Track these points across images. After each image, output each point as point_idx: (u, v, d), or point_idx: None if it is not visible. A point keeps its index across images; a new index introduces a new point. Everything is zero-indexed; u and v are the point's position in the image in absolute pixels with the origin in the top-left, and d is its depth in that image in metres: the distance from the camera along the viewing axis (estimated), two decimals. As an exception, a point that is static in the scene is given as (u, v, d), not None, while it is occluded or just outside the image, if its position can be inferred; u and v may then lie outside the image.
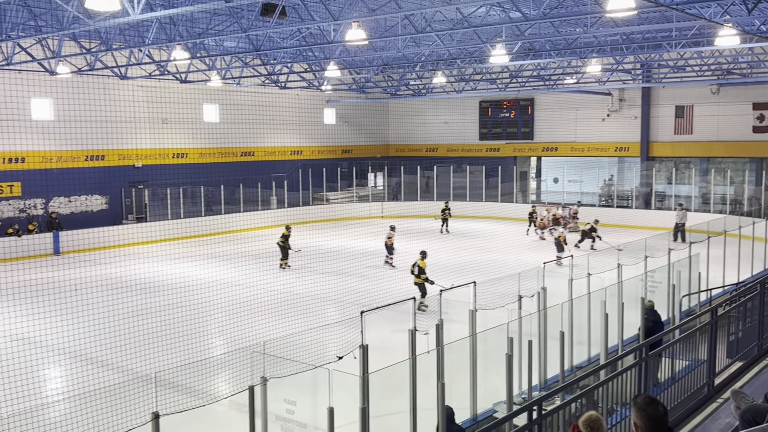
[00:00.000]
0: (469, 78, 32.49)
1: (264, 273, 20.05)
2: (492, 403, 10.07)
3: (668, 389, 8.24)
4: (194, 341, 13.72)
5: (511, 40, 20.41)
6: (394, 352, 10.25)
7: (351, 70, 30.49)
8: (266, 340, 8.41)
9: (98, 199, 29.13)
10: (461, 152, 40.71)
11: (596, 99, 36.04)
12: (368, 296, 16.04)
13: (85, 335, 13.96)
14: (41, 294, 17.26)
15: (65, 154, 27.52)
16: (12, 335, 14.35)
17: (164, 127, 30.92)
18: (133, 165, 30.05)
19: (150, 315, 16.55)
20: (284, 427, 7.54)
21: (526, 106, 38.59)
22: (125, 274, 21.61)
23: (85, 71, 24.13)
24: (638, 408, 4.20)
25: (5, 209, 26.11)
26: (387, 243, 22.42)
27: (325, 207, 35.47)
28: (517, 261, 21.50)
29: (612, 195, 34.80)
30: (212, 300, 17.07)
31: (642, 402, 4.23)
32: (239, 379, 8.36)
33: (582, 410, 7.03)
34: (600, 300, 11.41)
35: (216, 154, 33.25)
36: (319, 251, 24.60)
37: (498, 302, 10.93)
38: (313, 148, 38.43)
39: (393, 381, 9.64)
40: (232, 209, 31.66)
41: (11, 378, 11.41)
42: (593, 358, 12.06)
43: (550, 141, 38.28)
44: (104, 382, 11.08)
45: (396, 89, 35.62)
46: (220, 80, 28.32)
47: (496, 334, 9.57)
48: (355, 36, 16.61)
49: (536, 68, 29.97)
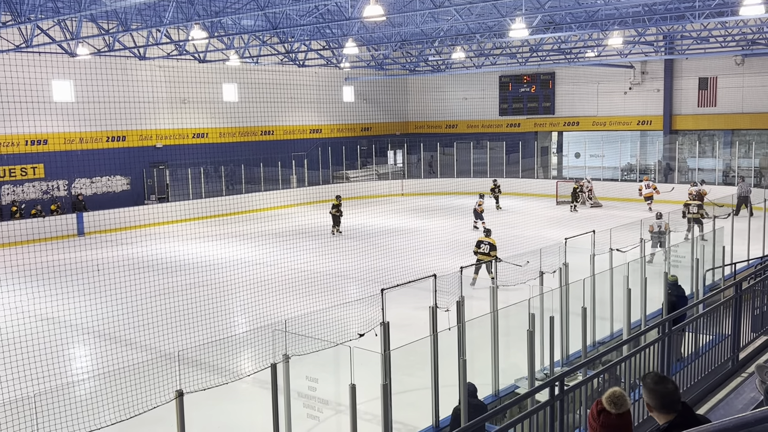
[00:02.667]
0: (488, 53, 32.16)
1: (285, 251, 20.13)
2: (514, 379, 10.08)
3: (691, 364, 8.18)
4: (217, 320, 13.85)
5: (530, 13, 20.11)
6: (415, 329, 10.27)
7: (369, 46, 30.26)
8: (288, 318, 8.45)
9: (120, 179, 29.36)
10: (481, 128, 40.42)
11: (618, 72, 35.53)
12: (389, 274, 16.08)
13: (110, 315, 14.16)
14: (66, 274, 17.49)
15: (87, 135, 27.72)
16: (38, 315, 14.57)
17: (184, 107, 31.01)
18: (154, 145, 30.22)
19: (173, 294, 16.72)
20: (306, 404, 7.60)
21: (547, 80, 38.15)
22: (148, 253, 21.81)
23: (104, 52, 24.20)
24: (648, 387, 4.18)
25: (29, 191, 26.42)
26: (477, 210, 24.51)
27: (344, 185, 35.47)
28: (538, 237, 21.38)
29: (634, 169, 34.42)
30: (234, 279, 17.19)
31: (651, 381, 4.20)
32: (262, 356, 8.42)
33: (604, 386, 7.00)
34: (623, 275, 11.32)
35: (236, 133, 33.32)
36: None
37: (519, 278, 10.89)
38: (333, 126, 38.36)
39: (414, 358, 9.67)
40: (253, 188, 31.77)
41: (38, 357, 11.60)
42: (616, 333, 12.00)
43: (572, 115, 37.87)
44: (129, 360, 11.24)
45: (415, 65, 35.36)
46: (239, 59, 28.28)
47: (517, 310, 9.55)
48: (372, 12, 16.45)
49: (557, 41, 29.57)
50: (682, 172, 33.08)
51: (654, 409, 4.14)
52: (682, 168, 33.14)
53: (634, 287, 11.40)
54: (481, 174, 35.64)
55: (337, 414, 9.00)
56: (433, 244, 20.88)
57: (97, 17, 21.83)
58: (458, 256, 18.58)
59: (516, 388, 9.89)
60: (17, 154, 25.89)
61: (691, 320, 8.93)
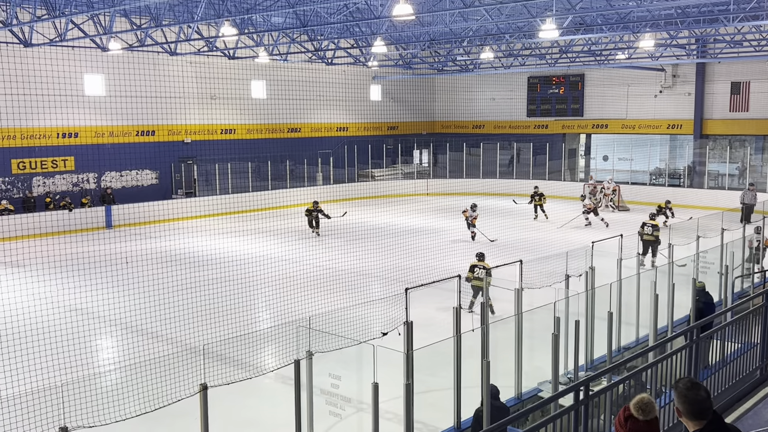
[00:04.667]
0: (517, 53, 31.98)
1: (310, 249, 20.20)
2: (537, 382, 10.01)
3: (718, 372, 8.07)
4: (241, 315, 13.94)
5: (561, 14, 19.96)
6: (438, 329, 10.26)
7: (398, 45, 30.25)
8: (312, 315, 8.48)
9: (149, 173, 29.67)
10: (508, 129, 40.20)
11: (648, 75, 35.13)
12: (413, 273, 16.06)
13: (136, 307, 14.31)
14: (94, 266, 17.72)
15: (117, 129, 28.05)
16: (66, 306, 14.77)
17: (213, 103, 31.24)
18: (183, 140, 30.49)
19: (198, 288, 16.86)
20: (329, 401, 7.61)
21: (576, 82, 37.84)
22: (175, 247, 22.02)
23: (135, 47, 24.47)
24: (680, 392, 4.11)
25: (59, 183, 26.81)
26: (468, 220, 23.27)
27: (370, 184, 35.51)
28: (564, 240, 21.23)
29: (663, 173, 34.02)
30: (259, 274, 17.28)
31: (683, 386, 4.13)
32: (285, 352, 8.46)
33: (630, 392, 6.93)
34: (650, 280, 11.19)
35: (263, 130, 33.49)
36: (364, 228, 24.66)
37: (545, 281, 10.82)
38: (359, 124, 38.41)
39: (437, 358, 9.65)
40: (279, 185, 31.92)
41: (65, 347, 11.77)
42: (641, 339, 11.87)
43: (601, 118, 37.52)
44: (154, 353, 11.34)
45: (443, 65, 35.27)
46: (268, 56, 28.43)
47: (542, 313, 9.48)
48: (402, 11, 16.44)
49: (587, 43, 29.31)
50: (711, 177, 32.63)
51: (684, 415, 4.08)
52: (711, 173, 32.70)
53: (661, 293, 11.26)
54: (507, 175, 35.47)
55: (358, 412, 9.00)
56: (457, 244, 20.81)
57: (130, 12, 22.08)
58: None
59: (539, 392, 9.82)
60: (49, 147, 26.29)
61: (719, 328, 8.81)
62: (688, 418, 4.06)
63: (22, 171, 25.87)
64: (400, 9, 16.35)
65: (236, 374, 10.65)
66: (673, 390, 4.15)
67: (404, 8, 16.24)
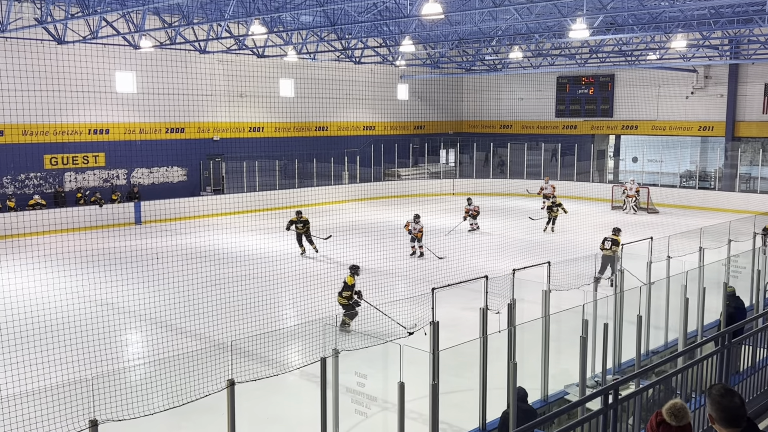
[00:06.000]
0: (546, 53, 31.75)
1: (336, 247, 20.25)
2: (564, 385, 9.94)
3: (749, 378, 7.94)
4: (268, 312, 14.01)
5: (592, 13, 19.77)
6: (464, 329, 10.22)
7: (426, 44, 30.18)
8: (338, 313, 8.49)
9: (178, 170, 29.96)
10: (536, 129, 39.96)
11: (680, 76, 34.67)
12: (438, 273, 16.03)
13: (165, 302, 14.44)
14: (123, 261, 17.94)
15: (147, 126, 28.36)
16: (95, 300, 14.97)
17: (241, 101, 31.45)
18: (212, 138, 30.74)
19: (226, 285, 16.98)
20: (354, 399, 7.63)
21: (606, 82, 37.47)
22: (203, 244, 22.21)
23: (166, 45, 24.71)
24: (713, 399, 4.03)
25: (90, 178, 27.18)
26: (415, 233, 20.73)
27: (396, 183, 35.50)
28: (592, 242, 21.05)
29: (693, 176, 33.58)
30: (286, 272, 17.36)
31: (717, 393, 4.05)
32: (311, 350, 8.49)
33: (659, 397, 6.84)
34: (680, 284, 11.05)
35: (291, 128, 33.65)
36: (389, 227, 24.66)
37: (573, 283, 10.73)
38: (386, 123, 38.41)
39: (463, 359, 9.62)
40: (306, 183, 32.04)
41: (95, 341, 11.92)
42: (670, 343, 11.74)
43: (630, 119, 37.12)
44: (182, 348, 11.44)
45: (471, 64, 35.14)
46: (296, 55, 28.53)
47: (570, 315, 9.41)
48: (431, 10, 16.39)
49: (618, 43, 29.01)
50: (743, 180, 32.13)
51: (717, 422, 4.00)
52: (743, 176, 32.19)
53: (691, 297, 11.12)
54: (535, 176, 35.24)
55: (384, 411, 9.01)
56: (483, 244, 20.73)
57: (161, 11, 22.31)
58: (510, 258, 18.40)
59: (565, 395, 9.75)
60: (80, 143, 26.67)
61: (751, 333, 8.66)
62: (722, 425, 3.99)
63: (54, 166, 26.27)
64: (429, 8, 16.30)
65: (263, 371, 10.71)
66: (707, 396, 4.08)
67: (433, 7, 16.19)
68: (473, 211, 24.57)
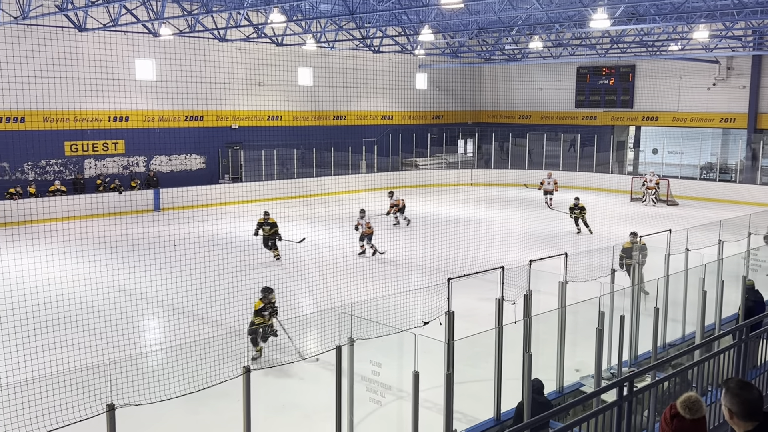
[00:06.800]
0: (567, 43, 31.48)
1: (352, 236, 20.27)
2: (579, 376, 9.91)
3: (766, 373, 7.87)
4: (284, 299, 14.06)
5: (613, 3, 19.57)
6: (479, 320, 10.22)
7: (445, 34, 30.03)
8: (353, 302, 8.52)
9: (196, 158, 30.11)
10: (556, 120, 39.70)
11: (702, 67, 34.25)
12: (454, 263, 16.01)
13: (182, 289, 14.55)
14: (142, 248, 18.08)
15: (166, 113, 28.51)
16: (114, 286, 15.12)
17: (260, 89, 31.51)
18: (230, 126, 30.84)
19: (242, 272, 17.07)
20: (369, 387, 7.65)
21: (627, 72, 37.11)
22: (220, 231, 22.33)
23: (186, 33, 24.79)
24: (731, 392, 3.97)
25: (110, 165, 27.39)
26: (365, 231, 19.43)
27: (413, 173, 35.45)
28: (610, 234, 20.92)
29: (714, 168, 33.23)
30: (301, 260, 17.43)
31: (735, 386, 3.99)
32: (327, 338, 8.52)
33: (675, 389, 6.81)
34: (698, 277, 10.96)
35: (309, 117, 33.68)
36: (407, 217, 24.66)
37: (589, 275, 10.67)
38: (404, 113, 38.33)
39: (478, 349, 9.62)
40: (323, 172, 32.09)
41: (113, 326, 12.05)
42: (688, 336, 11.65)
43: (651, 110, 36.76)
44: (198, 334, 11.54)
45: (490, 54, 34.93)
46: (315, 44, 28.52)
47: (586, 307, 9.37)
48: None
49: (639, 33, 28.69)
50: (765, 172, 31.73)
51: (735, 415, 3.94)
52: (765, 169, 31.79)
53: (709, 290, 11.03)
54: (554, 167, 35.05)
55: (398, 400, 9.03)
56: (500, 235, 20.67)
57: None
58: (526, 249, 18.36)
59: (580, 386, 9.72)
60: (100, 130, 26.87)
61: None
62: (740, 418, 3.94)
63: (75, 153, 26.49)
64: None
65: (278, 358, 10.79)
66: (724, 390, 4.03)
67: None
68: (398, 204, 24.02)
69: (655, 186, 29.47)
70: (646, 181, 29.75)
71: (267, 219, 18.67)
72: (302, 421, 9.47)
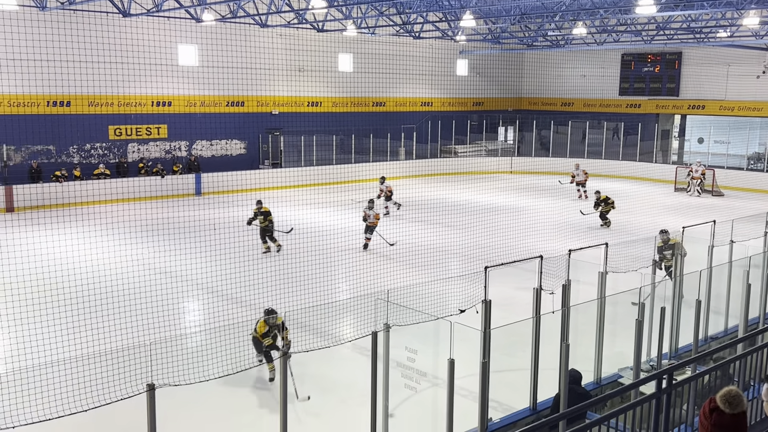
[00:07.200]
0: (611, 29, 30.92)
1: (389, 223, 20.30)
2: (617, 368, 9.79)
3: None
4: (321, 284, 14.17)
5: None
6: (516, 309, 10.15)
7: (487, 19, 29.73)
8: (390, 289, 8.53)
9: (237, 143, 30.39)
10: (599, 107, 39.04)
11: (751, 54, 33.31)
12: (492, 252, 15.91)
13: (221, 272, 14.75)
14: (183, 231, 18.35)
15: (208, 99, 28.80)
16: (155, 268, 15.38)
17: (300, 75, 31.61)
18: (270, 112, 31.03)
19: (281, 257, 17.23)
20: (404, 374, 7.67)
21: (673, 60, 36.30)
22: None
23: (228, 19, 24.98)
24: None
25: (152, 150, 27.82)
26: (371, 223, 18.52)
27: (453, 160, 35.27)
28: (653, 224, 20.57)
29: (762, 158, 32.37)
30: (339, 246, 17.50)
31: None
32: (363, 324, 8.56)
33: (716, 383, 6.68)
34: (743, 269, 10.72)
35: (348, 103, 33.70)
36: (445, 204, 24.59)
37: (630, 266, 10.51)
38: (444, 99, 38.11)
39: (514, 338, 9.56)
40: (362, 159, 32.12)
41: (154, 307, 12.27)
42: (730, 329, 11.42)
43: (697, 98, 35.93)
44: (237, 317, 11.68)
45: (533, 40, 34.48)
46: (356, 30, 28.48)
47: (626, 298, 9.23)
48: (493, -16, 16.12)
49: (686, 20, 28.03)
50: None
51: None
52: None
53: (754, 283, 10.77)
54: (596, 155, 34.55)
55: (433, 387, 9.04)
56: (540, 224, 20.48)
57: (223, -16, 22.50)
58: (565, 239, 18.17)
59: (619, 378, 9.61)
60: (144, 114, 27.28)
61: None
62: None
63: (119, 137, 26.95)
64: (490, -18, 16.01)
65: (315, 342, 10.87)
66: (766, 385, 3.95)
67: (495, -19, 15.90)
68: (387, 192, 23.64)
69: (701, 176, 28.84)
70: (692, 171, 29.14)
71: (260, 208, 17.88)
72: (338, 405, 9.54)
